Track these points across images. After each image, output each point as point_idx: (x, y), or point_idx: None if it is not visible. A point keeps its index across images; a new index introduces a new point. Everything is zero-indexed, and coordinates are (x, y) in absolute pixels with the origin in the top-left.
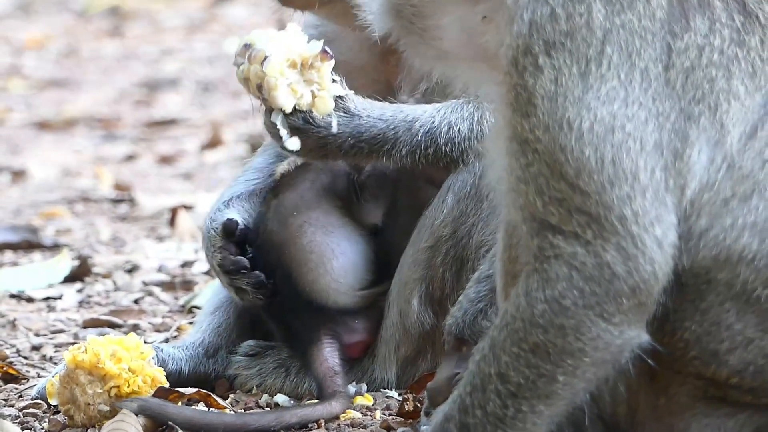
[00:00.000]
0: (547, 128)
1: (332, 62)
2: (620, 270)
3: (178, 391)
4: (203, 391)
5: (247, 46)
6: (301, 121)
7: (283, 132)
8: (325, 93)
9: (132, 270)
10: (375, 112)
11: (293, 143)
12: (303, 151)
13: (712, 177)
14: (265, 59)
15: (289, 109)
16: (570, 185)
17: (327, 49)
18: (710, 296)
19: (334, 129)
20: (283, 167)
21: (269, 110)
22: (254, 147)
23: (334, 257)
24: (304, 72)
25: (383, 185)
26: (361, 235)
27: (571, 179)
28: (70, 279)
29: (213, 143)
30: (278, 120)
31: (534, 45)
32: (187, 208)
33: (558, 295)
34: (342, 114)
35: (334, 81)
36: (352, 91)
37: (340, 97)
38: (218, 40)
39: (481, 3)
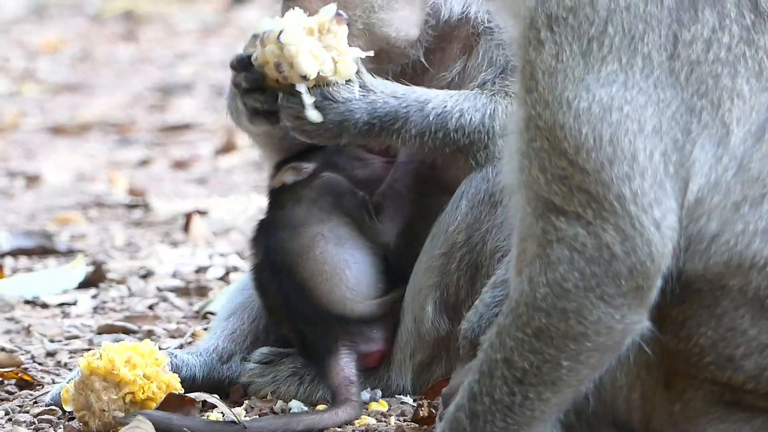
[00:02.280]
0: (547, 104)
1: (346, 26)
2: (618, 250)
3: (189, 397)
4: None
5: (256, 36)
6: (319, 97)
7: (308, 101)
8: (345, 57)
9: (146, 275)
10: (388, 89)
11: (316, 115)
12: (319, 131)
13: (720, 177)
14: (280, 34)
15: (313, 75)
16: (570, 162)
17: (341, 12)
18: (724, 302)
19: (356, 94)
20: (281, 178)
21: (288, 92)
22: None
23: (348, 267)
24: (321, 38)
25: (399, 206)
26: (370, 247)
27: (571, 156)
28: (84, 285)
29: (227, 148)
30: (303, 89)
31: (538, 18)
32: (202, 213)
33: (560, 278)
34: (358, 89)
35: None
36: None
37: (357, 72)
38: (233, 44)
39: None
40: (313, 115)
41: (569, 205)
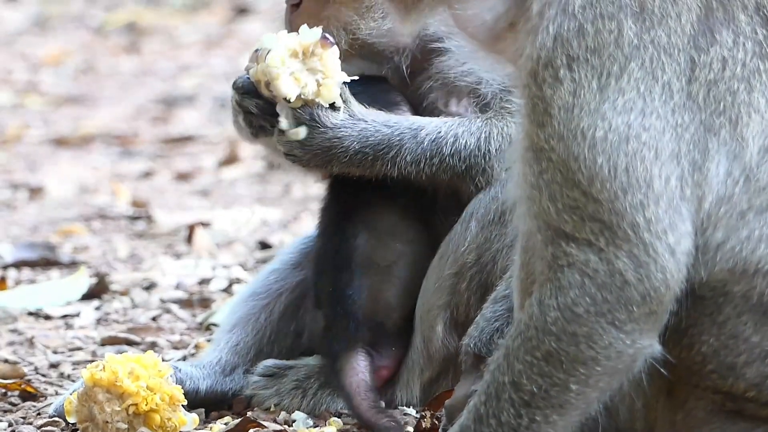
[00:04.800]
0: (562, 137)
1: (335, 49)
2: (631, 277)
3: (257, 422)
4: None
5: (257, 51)
6: (307, 116)
7: (285, 122)
8: (329, 81)
9: (149, 287)
10: (380, 117)
11: (300, 131)
12: (307, 156)
13: (729, 190)
14: (267, 54)
15: (293, 98)
16: (583, 193)
17: (327, 35)
18: (727, 309)
19: (341, 117)
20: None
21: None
22: (271, 164)
23: (400, 278)
24: (306, 60)
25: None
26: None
27: (584, 187)
28: (87, 296)
29: (230, 160)
30: (283, 111)
31: (556, 58)
32: (205, 225)
33: (570, 303)
34: (347, 117)
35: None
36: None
37: (345, 102)
38: (235, 56)
39: (506, 3)
40: (294, 134)
41: (580, 233)
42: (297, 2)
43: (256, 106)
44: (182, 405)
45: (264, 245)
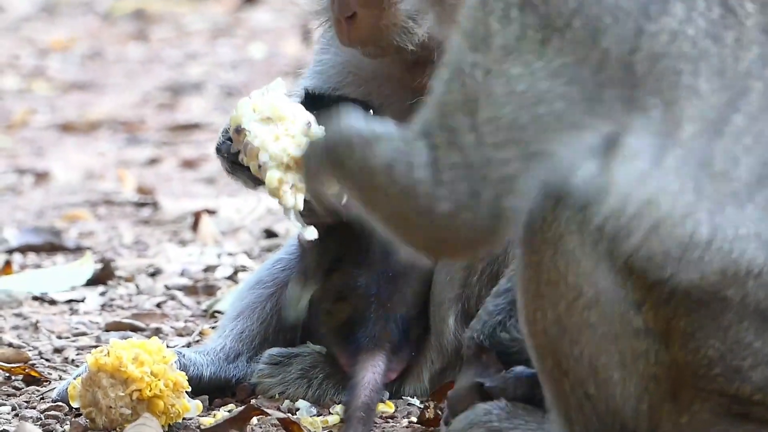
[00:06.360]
0: (488, 72)
1: None
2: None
3: (261, 410)
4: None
5: (239, 131)
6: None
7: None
8: None
9: (155, 274)
10: None
11: (310, 233)
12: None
13: (678, 175)
14: (260, 165)
15: (301, 207)
16: (471, 126)
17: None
18: (729, 314)
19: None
20: None
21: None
22: None
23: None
24: (299, 169)
25: None
26: None
27: (475, 122)
28: (92, 282)
29: None
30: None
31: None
32: (210, 212)
33: None
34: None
35: None
36: None
37: None
38: (243, 45)
39: None
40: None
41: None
42: (351, 14)
43: (249, 179)
44: (186, 392)
45: (269, 233)
